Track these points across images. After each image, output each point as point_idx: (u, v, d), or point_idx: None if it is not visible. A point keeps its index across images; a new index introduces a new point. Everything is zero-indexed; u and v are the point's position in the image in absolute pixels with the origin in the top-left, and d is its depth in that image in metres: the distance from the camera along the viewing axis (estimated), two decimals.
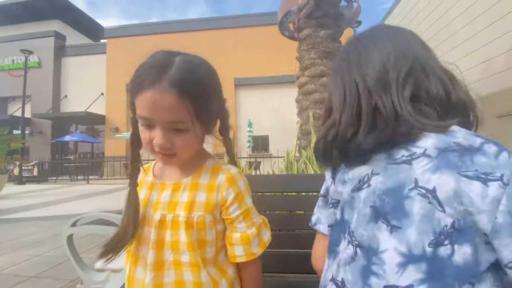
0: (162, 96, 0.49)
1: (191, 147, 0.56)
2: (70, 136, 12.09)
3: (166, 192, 0.59)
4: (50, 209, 5.05)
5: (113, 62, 13.07)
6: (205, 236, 0.57)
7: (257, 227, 0.60)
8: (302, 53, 2.57)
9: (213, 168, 0.61)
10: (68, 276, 2.16)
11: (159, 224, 0.56)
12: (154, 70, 0.51)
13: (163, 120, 0.51)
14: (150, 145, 0.54)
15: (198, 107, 0.52)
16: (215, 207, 0.58)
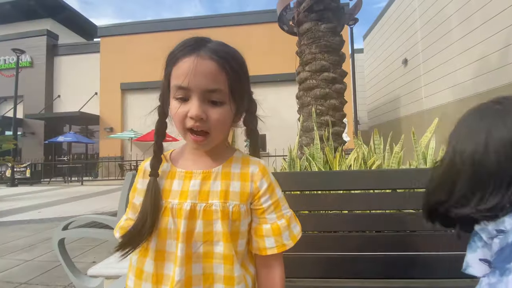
0: (203, 61, 0.49)
1: (224, 125, 0.54)
2: (64, 136, 11.87)
3: (195, 180, 0.55)
4: (42, 212, 4.91)
5: (107, 61, 12.86)
6: (239, 226, 0.54)
7: (286, 219, 0.58)
8: (303, 47, 2.49)
9: (243, 159, 0.59)
10: (61, 282, 2.06)
11: (189, 214, 0.52)
12: (192, 42, 0.52)
13: (202, 88, 0.50)
14: (183, 121, 0.51)
15: (234, 82, 0.52)
16: (249, 196, 0.56)
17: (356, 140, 1.90)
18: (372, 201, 0.99)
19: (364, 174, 1.02)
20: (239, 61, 0.55)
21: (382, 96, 13.66)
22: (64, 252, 1.86)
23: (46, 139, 12.82)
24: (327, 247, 0.98)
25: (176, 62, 0.51)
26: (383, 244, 0.96)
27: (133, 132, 11.58)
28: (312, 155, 1.77)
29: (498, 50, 7.29)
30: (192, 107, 0.50)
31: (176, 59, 0.51)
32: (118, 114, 12.71)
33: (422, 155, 1.70)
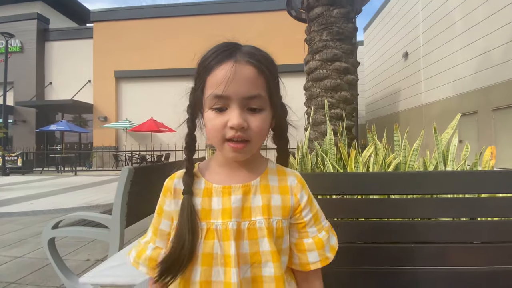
0: (242, 67, 0.47)
1: (264, 132, 0.51)
2: (56, 125, 11.56)
3: (236, 196, 0.51)
4: (34, 203, 4.74)
5: (100, 48, 12.43)
6: (282, 244, 0.51)
7: (326, 231, 0.56)
8: (312, 34, 2.32)
9: (278, 170, 0.57)
10: (52, 282, 1.93)
11: (236, 234, 0.48)
12: (225, 48, 0.48)
13: (241, 95, 0.47)
14: (221, 131, 0.47)
15: (272, 84, 0.50)
16: (290, 210, 0.53)
17: (370, 136, 1.77)
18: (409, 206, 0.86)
19: (401, 177, 0.89)
20: (274, 64, 0.53)
21: (381, 90, 13.55)
22: (55, 252, 1.72)
23: (37, 127, 12.49)
24: (356, 260, 0.86)
25: (211, 70, 0.48)
26: (420, 256, 0.84)
27: (128, 122, 11.32)
28: (325, 150, 1.64)
29: (500, 45, 7.19)
30: (233, 116, 0.46)
31: (211, 67, 0.48)
32: (112, 103, 12.38)
33: (441, 155, 1.58)
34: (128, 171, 1.60)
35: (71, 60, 13.22)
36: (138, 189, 1.77)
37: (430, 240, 0.86)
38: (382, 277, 0.84)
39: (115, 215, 1.58)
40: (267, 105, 0.50)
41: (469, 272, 0.82)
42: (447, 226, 0.87)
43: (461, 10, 8.57)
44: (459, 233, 0.86)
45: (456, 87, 8.67)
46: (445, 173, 1.03)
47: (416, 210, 0.88)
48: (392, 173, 0.94)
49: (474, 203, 0.88)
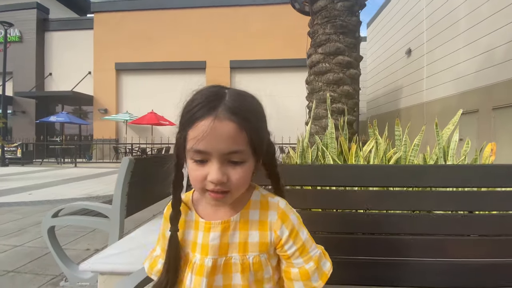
0: (222, 124, 0.46)
1: (245, 182, 0.52)
2: (56, 116, 11.53)
3: (215, 233, 0.54)
4: (33, 194, 4.76)
5: (101, 39, 12.33)
6: (262, 275, 0.54)
7: (315, 261, 0.56)
8: (316, 27, 2.29)
9: (261, 202, 0.57)
10: (51, 271, 1.94)
11: (211, 271, 0.52)
12: (208, 100, 0.48)
13: (221, 151, 0.47)
14: (201, 183, 0.49)
15: (254, 137, 0.49)
16: (269, 245, 0.54)
17: (371, 130, 1.76)
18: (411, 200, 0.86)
19: (402, 169, 0.89)
20: (258, 114, 0.52)
21: (383, 87, 13.48)
22: (54, 241, 1.73)
23: (37, 118, 12.46)
24: (354, 250, 0.86)
25: (192, 124, 0.47)
26: (419, 248, 0.84)
27: (128, 114, 11.29)
28: (325, 144, 1.63)
29: (504, 43, 7.12)
30: (212, 171, 0.47)
31: (193, 120, 0.47)
32: (112, 95, 12.34)
33: (441, 150, 1.58)
34: (128, 162, 1.60)
35: (71, 51, 13.11)
36: (138, 180, 1.77)
37: (428, 233, 0.86)
38: (380, 267, 0.84)
39: (115, 205, 1.59)
40: (249, 157, 0.50)
41: (468, 264, 0.82)
42: (446, 219, 0.87)
43: (465, 7, 8.48)
44: (457, 226, 0.86)
45: (458, 85, 8.63)
46: (445, 166, 1.03)
47: (415, 203, 0.88)
48: (392, 166, 0.94)
49: (473, 196, 0.88)
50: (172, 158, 0.55)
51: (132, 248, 1.33)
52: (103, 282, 1.18)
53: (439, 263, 0.84)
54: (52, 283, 1.77)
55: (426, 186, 0.90)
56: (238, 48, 11.69)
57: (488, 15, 7.60)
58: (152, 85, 12.12)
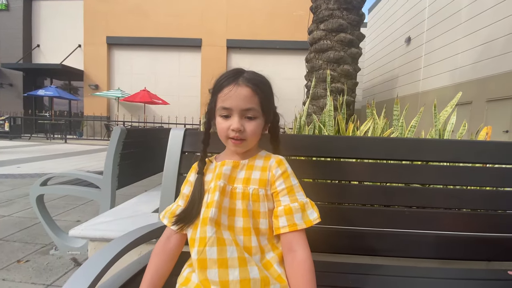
0: (241, 88, 0.65)
1: (257, 134, 0.68)
2: (45, 90, 11.14)
3: (227, 166, 0.69)
4: (22, 167, 4.66)
5: (91, 10, 11.72)
6: (259, 207, 0.66)
7: (300, 204, 0.66)
8: (319, 2, 2.19)
9: (266, 156, 0.72)
10: (41, 240, 1.92)
11: (222, 190, 0.65)
12: (231, 74, 0.67)
13: (240, 107, 0.64)
14: (226, 132, 0.66)
15: (264, 102, 0.67)
16: (267, 183, 0.68)
17: (369, 111, 1.74)
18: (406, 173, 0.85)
19: (402, 143, 0.88)
20: (267, 86, 0.70)
21: (380, 75, 13.40)
22: (43, 210, 1.70)
23: (25, 92, 12.02)
24: (346, 220, 0.86)
25: (220, 90, 0.66)
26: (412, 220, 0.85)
27: (120, 91, 10.98)
28: (323, 122, 1.61)
29: (504, 36, 7.08)
30: (234, 122, 0.65)
31: (221, 88, 0.66)
32: (104, 71, 11.92)
33: (437, 132, 1.58)
34: (120, 131, 1.56)
35: (60, 21, 12.50)
36: (131, 151, 1.73)
37: (422, 205, 0.87)
38: (373, 238, 0.85)
39: (106, 174, 1.55)
40: (259, 115, 0.67)
41: (460, 237, 0.84)
42: (440, 192, 0.88)
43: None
44: (451, 200, 0.87)
45: (454, 76, 8.64)
46: (441, 141, 1.02)
47: (410, 176, 0.88)
48: (389, 138, 0.93)
49: (467, 172, 0.88)
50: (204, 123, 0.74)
51: (124, 216, 1.31)
52: (94, 249, 1.16)
53: (431, 235, 0.85)
54: (41, 252, 1.76)
55: (422, 160, 0.89)
56: (235, 27, 11.33)
57: (490, 5, 7.50)
58: (145, 62, 11.75)
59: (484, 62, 7.60)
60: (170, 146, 0.92)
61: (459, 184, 0.89)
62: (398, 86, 11.61)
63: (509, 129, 6.75)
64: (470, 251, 0.84)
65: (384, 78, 12.91)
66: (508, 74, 6.88)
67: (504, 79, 6.95)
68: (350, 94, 2.28)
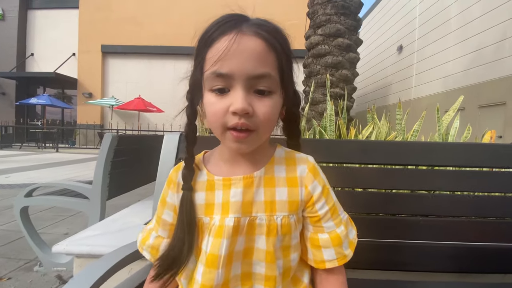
0: (247, 38, 0.38)
1: (273, 120, 0.43)
2: (37, 98, 10.97)
3: (236, 189, 0.45)
4: (11, 177, 4.50)
5: (86, 19, 11.69)
6: (290, 241, 0.46)
7: (344, 225, 0.49)
8: (316, 7, 2.19)
9: (286, 158, 0.49)
10: (25, 255, 1.80)
11: (233, 231, 0.43)
12: (230, 18, 0.40)
13: (246, 73, 0.39)
14: (222, 118, 0.40)
15: (284, 65, 0.42)
16: (300, 205, 0.47)
17: (369, 115, 1.70)
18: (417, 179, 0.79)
19: (411, 146, 0.82)
20: (288, 40, 0.44)
21: (372, 83, 13.58)
22: (28, 222, 1.59)
23: (17, 100, 11.83)
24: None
25: (211, 44, 0.40)
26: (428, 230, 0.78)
27: (114, 99, 10.86)
28: (324, 127, 1.56)
29: (493, 43, 7.25)
30: (236, 99, 0.39)
31: (212, 40, 0.40)
32: (98, 79, 11.82)
33: (440, 138, 1.54)
34: (111, 138, 1.48)
35: (55, 30, 12.43)
36: (123, 159, 1.65)
37: (433, 214, 0.81)
38: (386, 250, 0.78)
39: (96, 184, 1.46)
40: (277, 88, 0.42)
41: (473, 248, 0.77)
42: (451, 199, 0.82)
43: (457, 5, 8.56)
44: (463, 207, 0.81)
45: (446, 84, 8.79)
46: (451, 144, 0.97)
47: (419, 182, 0.82)
48: (396, 142, 0.88)
49: (479, 176, 0.83)
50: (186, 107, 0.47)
51: (113, 230, 1.22)
52: (79, 267, 1.07)
53: (448, 246, 0.78)
54: (25, 268, 1.64)
55: (430, 165, 0.84)
56: None
57: (479, 14, 7.69)
58: (139, 70, 11.70)
59: (475, 69, 7.75)
60: (163, 152, 0.85)
61: (480, 190, 0.83)
62: (391, 94, 11.75)
63: (502, 134, 6.82)
64: (486, 263, 0.78)
65: (377, 86, 13.08)
66: (499, 80, 7.01)
67: (495, 85, 7.07)
68: (349, 99, 2.24)
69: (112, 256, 0.63)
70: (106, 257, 0.63)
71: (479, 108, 7.47)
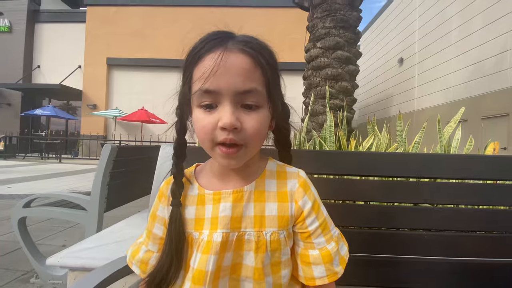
0: (234, 56, 0.40)
1: (261, 134, 0.44)
2: (42, 109, 11.14)
3: (226, 203, 0.45)
4: (13, 187, 4.51)
5: (92, 33, 12.03)
6: (280, 257, 0.45)
7: (336, 241, 0.49)
8: (315, 21, 2.22)
9: (278, 172, 0.50)
10: (22, 266, 1.78)
11: (220, 247, 0.43)
12: (216, 36, 0.42)
13: (234, 89, 0.40)
14: (211, 134, 0.41)
15: (270, 80, 0.43)
16: (290, 220, 0.46)
17: (370, 127, 1.70)
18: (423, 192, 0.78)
19: (413, 157, 0.81)
20: (272, 56, 0.45)
21: (374, 95, 13.66)
22: (25, 233, 1.58)
23: (23, 111, 12.01)
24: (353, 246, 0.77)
25: (198, 62, 0.41)
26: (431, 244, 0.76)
27: (118, 110, 11.00)
28: (323, 138, 1.55)
29: (495, 55, 7.30)
30: (224, 114, 0.40)
31: (198, 57, 0.41)
32: (102, 91, 12.02)
33: (442, 149, 1.53)
34: (110, 149, 1.48)
35: (61, 44, 12.75)
36: (122, 170, 1.64)
37: (439, 228, 0.78)
38: (384, 266, 0.76)
39: (94, 195, 1.46)
40: (264, 102, 0.43)
41: (484, 264, 0.75)
42: (464, 213, 0.80)
43: (457, 19, 8.68)
44: (469, 221, 0.79)
45: (448, 95, 8.81)
46: (457, 156, 0.95)
47: (424, 195, 0.80)
48: (401, 153, 0.86)
49: (487, 189, 0.81)
50: (175, 122, 0.48)
51: (109, 242, 1.20)
52: (74, 280, 1.05)
53: (450, 262, 0.76)
54: (21, 280, 1.61)
55: (432, 177, 0.82)
56: None
57: (479, 27, 7.79)
58: (144, 82, 11.89)
59: (476, 81, 7.77)
60: (160, 163, 0.84)
61: (485, 203, 0.81)
62: (393, 105, 11.79)
63: (506, 146, 6.76)
64: (492, 278, 0.75)
65: (379, 97, 13.15)
66: (501, 92, 7.01)
67: (497, 97, 7.07)
68: (349, 111, 2.25)
69: (104, 270, 0.62)
70: (98, 270, 0.62)
71: (482, 119, 7.45)
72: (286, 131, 0.51)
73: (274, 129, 0.50)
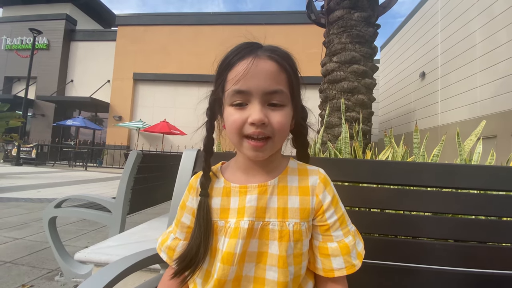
0: (263, 61, 0.47)
1: (285, 128, 0.49)
2: (72, 120, 11.88)
3: (252, 195, 0.50)
4: (41, 192, 4.80)
5: (122, 50, 12.88)
6: (302, 248, 0.49)
7: (353, 236, 0.52)
8: (332, 37, 2.29)
9: (299, 170, 0.54)
10: (48, 265, 1.89)
11: (247, 233, 0.47)
12: (245, 46, 0.49)
13: (262, 90, 0.46)
14: (241, 127, 0.47)
15: (293, 83, 0.49)
16: (311, 212, 0.50)
17: (387, 139, 1.69)
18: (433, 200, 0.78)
19: (428, 167, 0.82)
20: (295, 62, 0.52)
21: (396, 109, 13.34)
22: (54, 232, 1.69)
23: (55, 121, 12.86)
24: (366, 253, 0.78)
25: (231, 67, 0.48)
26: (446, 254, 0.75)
27: (141, 122, 11.52)
28: (339, 149, 1.57)
29: None
30: (253, 111, 0.46)
31: (232, 63, 0.48)
32: (128, 103, 12.68)
33: (463, 162, 1.49)
34: (136, 155, 1.58)
35: (93, 60, 13.72)
36: (145, 176, 1.74)
37: (453, 238, 0.78)
38: (396, 274, 0.76)
39: (119, 198, 1.55)
40: (288, 102, 0.49)
41: (496, 276, 0.73)
42: (473, 223, 0.79)
43: (482, 32, 8.44)
44: (484, 232, 0.77)
45: (475, 110, 8.44)
46: (474, 166, 0.95)
47: (438, 204, 0.80)
48: (415, 163, 0.87)
49: (504, 200, 0.79)
50: (205, 123, 0.54)
51: (131, 241, 1.27)
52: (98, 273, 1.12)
53: (464, 273, 0.75)
54: (47, 277, 1.71)
55: (452, 187, 0.82)
56: None
57: (505, 41, 7.52)
58: (167, 95, 12.43)
59: (505, 95, 7.42)
60: (182, 166, 0.90)
61: (508, 215, 0.79)
62: (416, 120, 11.44)
63: None
64: None
65: (400, 112, 12.82)
66: None
67: None
68: (366, 123, 2.24)
69: (121, 262, 0.66)
70: (114, 264, 0.66)
71: None
72: (304, 130, 0.56)
73: (293, 129, 0.55)
